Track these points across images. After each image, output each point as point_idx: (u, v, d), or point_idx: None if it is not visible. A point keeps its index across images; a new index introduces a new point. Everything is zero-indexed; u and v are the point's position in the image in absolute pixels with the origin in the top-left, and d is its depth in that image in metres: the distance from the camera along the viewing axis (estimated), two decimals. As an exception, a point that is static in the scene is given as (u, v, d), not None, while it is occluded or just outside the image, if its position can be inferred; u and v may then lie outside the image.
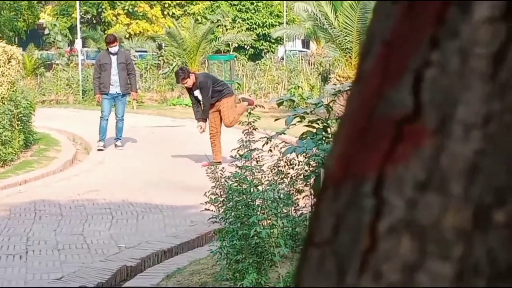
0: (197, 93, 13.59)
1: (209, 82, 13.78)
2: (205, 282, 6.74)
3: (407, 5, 0.96)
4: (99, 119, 16.31)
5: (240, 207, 6.22)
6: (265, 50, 41.14)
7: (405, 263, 0.90)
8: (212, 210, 6.62)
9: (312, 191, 7.59)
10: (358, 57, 1.02)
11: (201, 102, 13.97)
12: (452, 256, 0.90)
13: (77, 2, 32.10)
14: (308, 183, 7.62)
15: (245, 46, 40.25)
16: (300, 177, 7.58)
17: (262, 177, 6.82)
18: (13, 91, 15.40)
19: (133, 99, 18.32)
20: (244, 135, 6.82)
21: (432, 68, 0.93)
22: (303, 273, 0.99)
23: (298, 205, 7.51)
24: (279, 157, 7.41)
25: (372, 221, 0.92)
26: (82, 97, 28.25)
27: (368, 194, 0.93)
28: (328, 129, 7.87)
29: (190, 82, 13.53)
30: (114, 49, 16.22)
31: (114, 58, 16.12)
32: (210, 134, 13.55)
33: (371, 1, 18.94)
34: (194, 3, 41.01)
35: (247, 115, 7.02)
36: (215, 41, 29.36)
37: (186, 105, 26.14)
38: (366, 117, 0.95)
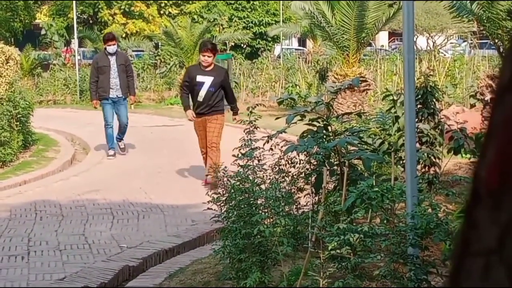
0: (205, 79, 11.79)
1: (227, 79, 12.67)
2: (208, 281, 6.75)
3: None
4: (103, 128, 15.23)
5: (242, 206, 6.22)
6: (262, 49, 41.16)
7: None
8: (214, 209, 6.62)
9: (313, 189, 7.60)
10: (505, 64, 0.98)
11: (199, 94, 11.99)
12: None
13: (74, 2, 32.06)
14: (309, 182, 7.63)
15: (242, 45, 40.27)
16: (301, 175, 7.59)
17: (264, 176, 6.82)
18: (11, 91, 15.38)
19: (131, 103, 17.04)
20: (246, 134, 6.82)
21: None
22: (463, 283, 0.97)
23: (299, 203, 7.51)
24: (280, 156, 7.42)
25: None
26: (80, 97, 28.25)
27: None
28: (329, 127, 7.88)
29: (210, 60, 11.84)
30: (112, 48, 15.04)
31: (113, 60, 15.00)
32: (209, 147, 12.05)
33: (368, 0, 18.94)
34: (190, 2, 41.00)
35: (248, 114, 7.01)
36: (212, 40, 29.34)
37: (184, 104, 26.13)
38: None
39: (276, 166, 7.35)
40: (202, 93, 11.76)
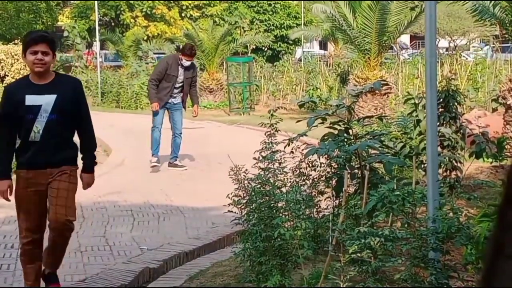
0: (41, 99, 6.31)
1: None
2: (228, 284, 6.74)
3: None
4: (150, 130, 14.22)
5: (263, 209, 6.22)
6: (283, 52, 41.16)
7: None
8: (234, 212, 6.61)
9: (333, 193, 7.58)
10: None
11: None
12: None
13: (96, 4, 32.21)
14: (330, 185, 7.61)
15: (263, 48, 40.29)
16: (322, 179, 7.58)
17: (284, 179, 6.82)
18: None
19: (194, 115, 14.65)
20: (267, 136, 6.82)
21: None
22: (496, 284, 0.97)
23: (320, 206, 7.51)
24: (301, 159, 7.41)
25: None
26: (101, 99, 28.37)
27: None
28: (350, 131, 7.86)
29: (48, 61, 6.33)
30: (188, 63, 13.90)
31: (182, 71, 13.88)
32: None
33: (390, 2, 18.91)
34: (212, 5, 41.07)
35: (269, 117, 6.99)
36: (233, 42, 29.41)
37: (205, 106, 26.20)
38: None
39: (296, 169, 7.35)
40: (38, 127, 6.34)
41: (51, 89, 6.36)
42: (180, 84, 13.89)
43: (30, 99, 6.32)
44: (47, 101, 6.33)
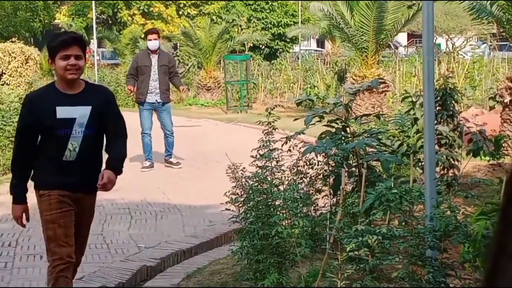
0: (76, 111, 5.48)
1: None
2: (226, 282, 6.75)
3: None
4: (140, 136, 14.00)
5: (261, 207, 6.22)
6: (280, 50, 41.15)
7: None
8: (232, 210, 6.61)
9: (331, 191, 7.58)
10: None
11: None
12: None
13: (93, 2, 32.18)
14: (327, 183, 7.61)
15: (260, 46, 40.29)
16: (319, 177, 7.58)
17: (282, 177, 6.82)
18: (30, 91, 15.47)
19: (185, 95, 14.58)
20: (264, 134, 6.82)
21: None
22: (499, 284, 0.98)
23: (317, 204, 7.51)
24: (298, 157, 7.41)
25: None
26: (99, 97, 28.33)
27: None
28: (347, 129, 7.86)
29: (81, 66, 5.54)
30: (153, 43, 13.60)
31: (154, 60, 13.58)
32: None
33: (387, 1, 18.90)
34: (209, 3, 41.06)
35: (267, 115, 6.98)
36: (231, 40, 29.38)
37: (202, 105, 26.18)
38: None
39: (294, 167, 7.35)
40: (74, 144, 5.51)
41: (84, 100, 5.53)
42: (156, 76, 13.60)
43: (62, 111, 5.45)
44: (81, 113, 5.48)
